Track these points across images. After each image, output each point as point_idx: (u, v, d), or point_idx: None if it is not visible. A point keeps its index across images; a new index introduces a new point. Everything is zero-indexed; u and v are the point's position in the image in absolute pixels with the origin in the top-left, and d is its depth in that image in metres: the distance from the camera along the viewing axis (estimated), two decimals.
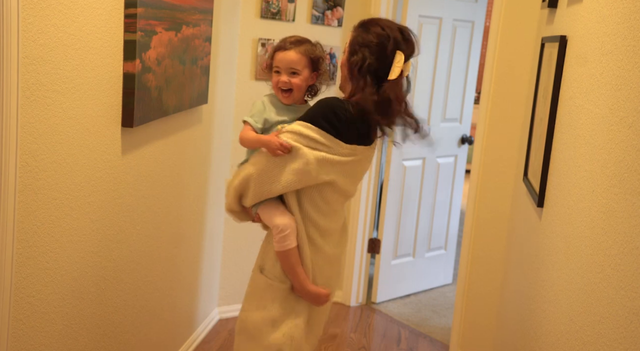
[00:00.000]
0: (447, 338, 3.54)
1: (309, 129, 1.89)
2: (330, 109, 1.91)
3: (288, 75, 2.00)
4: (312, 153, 1.88)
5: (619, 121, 1.24)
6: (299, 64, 2.00)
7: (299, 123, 1.91)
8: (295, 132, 1.89)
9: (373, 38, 1.94)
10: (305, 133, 1.89)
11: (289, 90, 2.01)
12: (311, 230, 1.97)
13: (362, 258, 3.90)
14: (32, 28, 1.55)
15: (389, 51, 1.94)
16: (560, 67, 1.89)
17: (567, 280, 1.52)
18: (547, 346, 1.66)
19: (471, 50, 4.12)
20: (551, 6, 2.27)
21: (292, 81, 1.99)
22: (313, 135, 1.89)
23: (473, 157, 3.20)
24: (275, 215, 1.95)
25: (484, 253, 3.14)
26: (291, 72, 2.00)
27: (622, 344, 1.10)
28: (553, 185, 1.83)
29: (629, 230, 1.12)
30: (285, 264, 1.96)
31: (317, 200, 1.96)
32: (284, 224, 1.92)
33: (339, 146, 1.91)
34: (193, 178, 2.91)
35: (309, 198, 1.95)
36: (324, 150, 1.90)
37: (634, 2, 1.24)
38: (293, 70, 2.00)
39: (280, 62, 2.00)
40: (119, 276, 2.21)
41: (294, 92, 2.01)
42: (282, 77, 1.99)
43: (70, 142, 1.79)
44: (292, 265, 1.95)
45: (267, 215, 1.97)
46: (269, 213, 1.96)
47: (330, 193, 1.97)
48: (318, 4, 3.50)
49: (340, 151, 1.92)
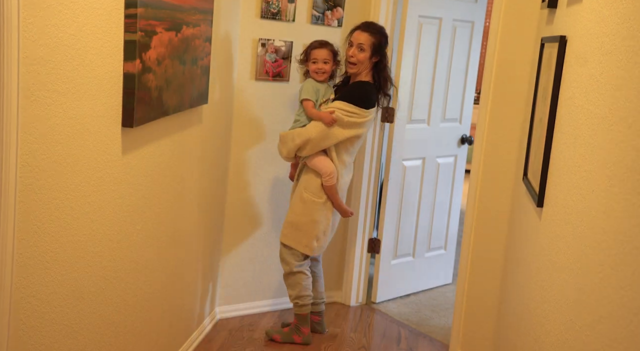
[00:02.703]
0: (447, 338, 3.54)
1: (347, 105, 3.10)
2: (362, 93, 3.16)
3: (323, 64, 3.17)
4: (347, 119, 3.08)
5: (619, 121, 1.24)
6: (328, 56, 3.18)
7: (341, 103, 3.10)
8: (340, 108, 3.09)
9: (385, 41, 3.22)
10: (345, 108, 3.09)
11: (324, 72, 3.18)
12: (342, 168, 3.18)
13: (362, 258, 3.90)
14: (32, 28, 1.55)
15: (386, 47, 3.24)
16: (560, 67, 1.89)
17: (567, 280, 1.52)
18: (547, 346, 1.66)
19: (471, 50, 4.12)
20: (551, 6, 2.27)
21: (325, 67, 3.18)
22: (349, 109, 3.10)
23: (473, 157, 3.20)
24: (323, 164, 3.13)
25: (484, 253, 3.14)
26: (324, 61, 3.17)
27: (622, 344, 1.10)
28: (553, 185, 1.83)
29: (629, 230, 1.12)
30: (330, 193, 3.16)
31: (348, 146, 3.17)
32: (332, 170, 3.14)
33: (364, 112, 3.12)
34: (193, 178, 2.91)
35: (344, 147, 3.16)
36: (356, 117, 3.10)
37: (634, 2, 1.24)
38: (325, 60, 3.18)
39: (317, 55, 3.18)
40: (119, 276, 2.21)
41: (326, 74, 3.20)
42: (319, 65, 3.17)
43: (70, 142, 1.79)
44: (334, 193, 3.17)
45: (316, 164, 3.14)
46: (318, 162, 3.14)
47: (357, 141, 3.20)
48: (318, 4, 3.50)
49: (364, 115, 3.13)
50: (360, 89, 3.16)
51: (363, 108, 3.11)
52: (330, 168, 3.12)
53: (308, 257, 3.28)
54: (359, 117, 3.11)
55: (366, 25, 3.21)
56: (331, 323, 3.63)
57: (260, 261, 3.65)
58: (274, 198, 3.61)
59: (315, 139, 3.07)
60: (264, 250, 3.65)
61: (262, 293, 3.71)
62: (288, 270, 3.25)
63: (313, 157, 3.14)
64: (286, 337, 3.33)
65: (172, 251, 2.73)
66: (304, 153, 3.13)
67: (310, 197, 3.17)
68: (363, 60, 3.15)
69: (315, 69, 3.17)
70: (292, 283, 3.26)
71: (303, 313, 3.29)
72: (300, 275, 3.24)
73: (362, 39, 3.14)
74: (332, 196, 3.17)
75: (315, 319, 3.44)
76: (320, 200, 3.17)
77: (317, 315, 3.45)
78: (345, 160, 3.19)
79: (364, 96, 3.13)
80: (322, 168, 3.13)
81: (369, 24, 3.24)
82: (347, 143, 3.15)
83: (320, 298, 3.43)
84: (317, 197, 3.17)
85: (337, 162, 3.14)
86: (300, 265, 3.24)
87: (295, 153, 3.17)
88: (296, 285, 3.25)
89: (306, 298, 3.26)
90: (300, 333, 3.32)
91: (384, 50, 3.20)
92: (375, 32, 3.17)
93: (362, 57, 3.13)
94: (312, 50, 3.19)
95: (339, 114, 3.06)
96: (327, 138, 3.09)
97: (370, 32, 3.16)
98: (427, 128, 4.02)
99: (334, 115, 3.06)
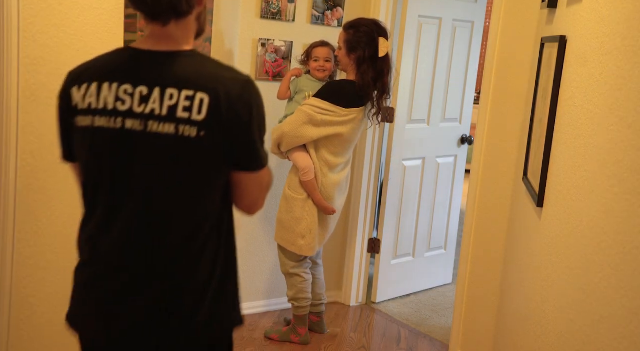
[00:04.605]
0: (447, 338, 3.54)
1: (319, 101, 3.04)
2: (335, 88, 3.11)
3: (324, 62, 3.21)
4: (320, 117, 3.02)
5: (619, 121, 1.24)
6: (330, 55, 3.23)
7: (314, 99, 3.06)
8: (312, 104, 3.04)
9: (363, 35, 3.05)
10: (316, 104, 3.04)
11: (325, 70, 3.22)
12: (323, 166, 3.11)
13: (362, 258, 3.90)
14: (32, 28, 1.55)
15: (375, 39, 3.06)
16: (560, 67, 1.89)
17: (567, 280, 1.52)
18: (547, 346, 1.66)
19: (471, 51, 4.12)
20: (551, 6, 2.27)
21: (327, 65, 3.22)
22: (321, 105, 3.04)
23: (473, 157, 3.20)
24: (300, 159, 3.10)
25: (484, 253, 3.14)
26: (326, 59, 3.22)
27: (622, 344, 1.10)
28: (553, 185, 1.83)
29: (629, 230, 1.12)
30: (308, 189, 3.12)
31: (328, 146, 3.10)
32: (306, 166, 3.09)
33: (340, 110, 3.04)
34: None
35: (324, 146, 3.10)
36: (330, 115, 3.03)
37: (634, 2, 1.24)
38: (327, 58, 3.22)
39: (319, 53, 3.22)
40: None
41: (327, 72, 3.23)
42: (321, 63, 3.21)
43: None
44: (312, 190, 3.12)
45: (295, 159, 3.12)
46: (296, 157, 3.11)
47: (339, 141, 3.09)
48: (318, 4, 3.50)
49: (341, 114, 3.05)
50: (332, 86, 3.12)
51: (338, 106, 3.03)
52: (305, 163, 3.07)
53: (305, 258, 3.27)
54: (334, 116, 3.03)
55: (323, 42, 3.25)
56: (331, 323, 3.63)
57: (259, 261, 3.65)
58: (271, 197, 3.61)
59: (288, 135, 3.04)
60: (263, 249, 3.65)
61: (261, 293, 3.71)
62: (284, 270, 3.26)
63: (293, 151, 3.12)
64: (284, 337, 3.34)
65: None
66: (282, 149, 3.12)
67: (291, 194, 3.16)
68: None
69: (316, 66, 3.19)
70: (290, 285, 3.27)
71: (300, 314, 3.30)
72: (296, 278, 3.24)
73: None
74: (311, 192, 3.12)
75: (314, 319, 3.44)
76: (300, 196, 3.14)
77: (316, 316, 3.45)
78: (329, 160, 3.11)
79: (336, 93, 3.06)
80: (299, 163, 3.11)
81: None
82: (326, 142, 3.08)
83: (319, 299, 3.43)
84: (297, 193, 3.14)
85: (315, 159, 3.09)
86: (295, 267, 3.23)
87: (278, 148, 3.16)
88: (292, 287, 3.25)
89: (303, 300, 3.26)
90: (297, 333, 3.32)
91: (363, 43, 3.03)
92: (348, 27, 3.10)
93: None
94: (314, 49, 3.23)
95: (308, 110, 3.01)
96: (300, 135, 3.04)
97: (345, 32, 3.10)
98: (427, 128, 4.02)
99: (303, 108, 3.04)
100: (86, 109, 1.43)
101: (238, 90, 1.42)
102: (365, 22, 3.08)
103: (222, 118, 1.40)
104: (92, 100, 1.42)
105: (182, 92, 1.39)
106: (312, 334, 3.43)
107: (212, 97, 1.39)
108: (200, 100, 1.39)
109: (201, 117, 1.39)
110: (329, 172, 3.14)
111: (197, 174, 1.43)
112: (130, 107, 1.41)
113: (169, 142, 1.39)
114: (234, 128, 1.42)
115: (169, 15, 1.43)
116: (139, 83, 1.42)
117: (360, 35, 3.03)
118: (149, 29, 1.46)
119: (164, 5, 1.40)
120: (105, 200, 1.45)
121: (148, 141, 1.40)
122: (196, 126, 1.39)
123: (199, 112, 1.39)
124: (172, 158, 1.41)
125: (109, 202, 1.45)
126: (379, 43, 3.03)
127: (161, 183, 1.42)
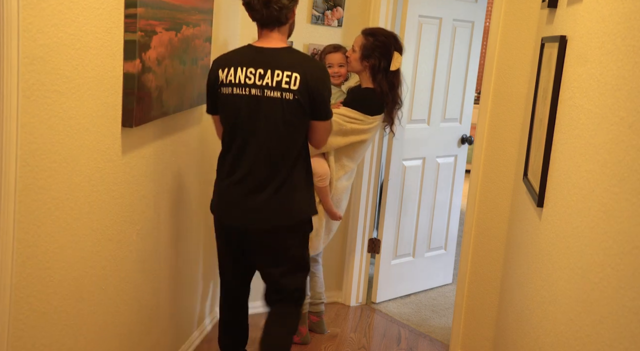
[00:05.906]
0: (447, 338, 3.54)
1: (349, 111, 3.12)
2: (362, 97, 3.18)
3: (339, 68, 3.26)
4: (350, 126, 3.10)
5: (619, 121, 1.24)
6: (343, 60, 3.26)
7: (345, 108, 3.12)
8: (342, 114, 3.09)
9: (380, 44, 3.12)
10: (347, 114, 3.11)
11: (340, 76, 3.28)
12: (339, 170, 3.20)
13: (362, 258, 3.90)
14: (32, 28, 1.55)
15: (390, 52, 3.12)
16: (560, 67, 1.89)
17: (567, 280, 1.52)
18: (547, 346, 1.66)
19: (471, 51, 4.12)
20: (551, 6, 2.27)
21: (341, 71, 3.27)
22: (351, 114, 3.11)
23: (473, 157, 3.20)
24: (318, 165, 3.11)
25: (484, 253, 3.14)
26: (339, 65, 3.26)
27: (622, 344, 1.10)
28: (553, 185, 1.83)
29: (629, 230, 1.12)
30: (321, 194, 3.17)
31: (350, 152, 3.20)
32: (324, 172, 3.15)
33: (368, 118, 3.14)
34: (193, 178, 2.91)
35: (345, 151, 3.18)
36: (358, 124, 3.12)
37: (634, 2, 1.24)
38: (341, 63, 3.26)
39: (332, 59, 3.26)
40: (119, 276, 2.21)
41: (342, 77, 3.30)
42: (335, 69, 3.25)
43: (70, 142, 1.79)
44: (324, 195, 3.19)
45: (315, 164, 3.04)
46: (315, 163, 3.05)
47: (360, 147, 3.22)
48: (318, 4, 3.49)
49: (368, 121, 3.14)
50: (360, 94, 3.17)
51: (366, 114, 3.10)
52: (323, 169, 3.13)
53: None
54: (362, 124, 3.11)
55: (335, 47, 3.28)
56: (331, 323, 3.63)
57: None
58: None
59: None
60: None
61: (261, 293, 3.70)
62: None
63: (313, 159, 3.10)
64: None
65: (172, 251, 2.73)
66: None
67: None
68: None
69: (331, 73, 3.18)
70: None
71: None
72: None
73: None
74: (323, 198, 3.18)
75: (314, 319, 3.44)
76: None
77: (315, 316, 3.44)
78: (345, 165, 3.19)
79: (365, 101, 3.13)
80: (317, 169, 3.12)
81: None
82: (349, 148, 3.16)
83: (319, 298, 3.43)
84: None
85: (333, 165, 3.16)
86: None
87: None
88: None
89: None
90: (298, 332, 3.31)
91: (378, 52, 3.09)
92: (367, 34, 3.15)
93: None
94: (327, 55, 3.25)
95: (339, 120, 3.03)
96: (327, 144, 2.99)
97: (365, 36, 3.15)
98: (427, 128, 4.02)
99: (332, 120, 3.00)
100: (227, 83, 2.35)
101: (316, 71, 2.36)
102: (385, 33, 3.18)
103: (308, 88, 2.31)
104: (231, 78, 2.34)
105: (284, 72, 2.30)
106: (312, 334, 3.43)
107: (302, 75, 2.30)
108: (295, 77, 2.30)
109: (296, 87, 2.30)
110: (343, 177, 3.21)
111: (294, 122, 2.35)
112: (254, 81, 2.32)
113: (277, 103, 2.32)
114: (314, 94, 2.33)
115: (275, 25, 2.34)
116: (258, 67, 2.32)
117: (377, 44, 3.10)
118: (262, 33, 2.37)
119: (272, 19, 2.31)
120: (240, 140, 2.39)
121: (265, 102, 2.32)
122: (293, 92, 2.31)
123: (295, 85, 2.30)
124: (279, 112, 2.32)
125: (242, 140, 2.38)
126: (393, 56, 3.11)
127: (273, 128, 2.33)
